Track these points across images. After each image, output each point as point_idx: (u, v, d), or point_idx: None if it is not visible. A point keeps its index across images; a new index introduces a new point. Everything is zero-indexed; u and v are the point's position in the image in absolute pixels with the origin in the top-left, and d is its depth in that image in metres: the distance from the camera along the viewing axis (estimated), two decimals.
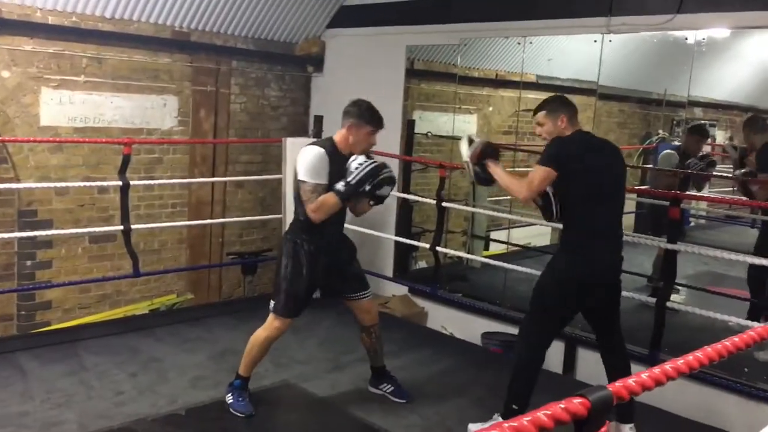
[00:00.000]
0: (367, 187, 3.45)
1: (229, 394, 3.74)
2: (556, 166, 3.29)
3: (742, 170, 5.11)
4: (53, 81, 5.76)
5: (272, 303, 3.63)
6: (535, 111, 3.54)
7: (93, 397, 3.87)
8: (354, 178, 3.40)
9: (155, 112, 6.42)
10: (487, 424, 3.53)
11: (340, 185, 3.41)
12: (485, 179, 3.62)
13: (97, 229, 5.75)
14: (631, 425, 3.51)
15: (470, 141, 3.63)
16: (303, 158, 3.45)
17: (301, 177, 3.44)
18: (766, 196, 4.82)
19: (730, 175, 5.59)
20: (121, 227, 5.12)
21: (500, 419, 3.50)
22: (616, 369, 3.50)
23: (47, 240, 5.85)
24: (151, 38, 6.18)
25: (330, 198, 3.41)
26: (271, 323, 3.64)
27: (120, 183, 5.06)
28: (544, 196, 3.47)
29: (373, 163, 3.45)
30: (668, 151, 5.90)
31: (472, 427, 3.62)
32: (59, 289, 5.93)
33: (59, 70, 5.78)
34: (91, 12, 5.74)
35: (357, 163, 3.43)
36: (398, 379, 4.10)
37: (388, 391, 4.04)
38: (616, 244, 3.49)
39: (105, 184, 5.77)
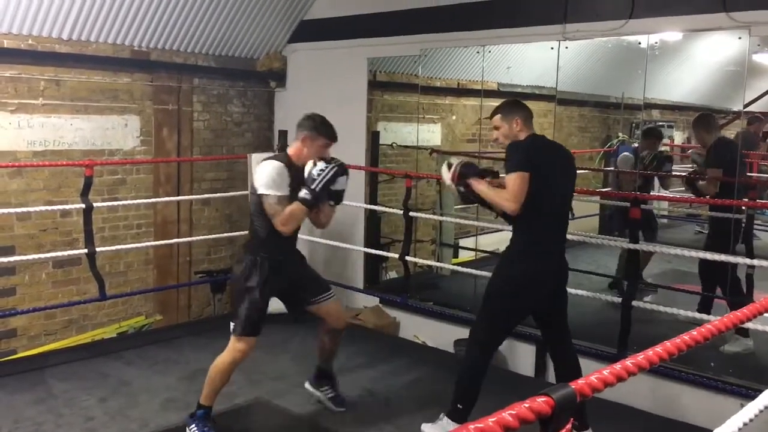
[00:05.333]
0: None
1: (193, 425, 3.58)
2: (529, 167, 3.30)
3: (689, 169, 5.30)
4: (10, 105, 5.67)
5: (232, 325, 3.54)
6: (491, 115, 3.61)
7: (62, 424, 3.80)
8: (318, 184, 3.41)
9: (116, 132, 6.35)
10: (436, 424, 3.58)
11: (304, 193, 3.40)
12: (471, 198, 3.62)
13: (60, 253, 5.66)
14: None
15: (449, 165, 3.64)
16: (262, 173, 3.44)
17: (262, 191, 3.41)
18: (713, 192, 5.00)
19: (685, 174, 5.76)
20: (86, 250, 5.05)
21: (446, 419, 3.55)
22: (567, 369, 3.56)
23: (10, 267, 5.72)
24: (109, 59, 6.12)
25: (297, 208, 3.41)
26: (234, 346, 3.53)
27: (83, 206, 4.99)
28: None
29: (333, 168, 3.46)
30: (625, 153, 6.05)
31: (425, 427, 3.65)
32: (24, 316, 5.80)
33: (16, 93, 5.70)
34: (47, 34, 5.67)
35: (319, 170, 3.43)
36: (338, 385, 4.09)
37: (329, 395, 4.02)
38: (563, 248, 3.58)
39: (67, 207, 5.68)
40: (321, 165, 3.45)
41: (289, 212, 3.40)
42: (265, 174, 3.42)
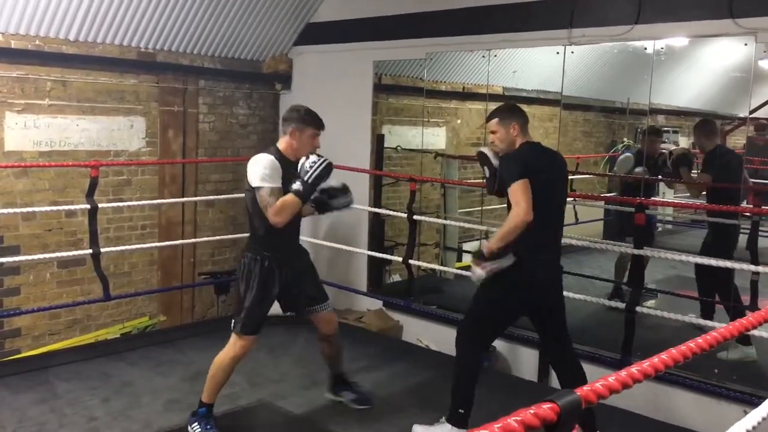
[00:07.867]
0: (323, 186, 3.54)
1: (195, 423, 3.62)
2: (526, 174, 3.29)
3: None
4: (17, 105, 5.69)
5: (233, 323, 3.60)
6: (488, 118, 3.61)
7: (65, 424, 3.80)
8: (310, 176, 3.42)
9: (122, 133, 6.37)
10: (433, 428, 3.58)
11: (296, 185, 3.41)
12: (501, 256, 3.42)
13: (65, 254, 5.67)
14: None
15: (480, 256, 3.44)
16: (254, 166, 3.45)
17: (256, 184, 3.41)
18: (696, 194, 5.23)
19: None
20: (90, 251, 5.06)
21: (447, 424, 3.54)
22: (570, 374, 3.55)
23: (15, 266, 5.74)
24: (116, 60, 6.14)
25: (290, 198, 3.41)
26: (235, 343, 3.59)
27: (88, 206, 5.01)
28: (492, 168, 3.55)
29: (325, 161, 3.48)
30: (627, 154, 6.06)
31: (417, 428, 3.65)
32: (28, 315, 5.82)
33: (23, 94, 5.72)
34: (54, 35, 5.69)
35: (311, 162, 3.46)
36: (358, 384, 4.10)
37: (349, 399, 4.04)
38: (557, 256, 3.58)
39: (73, 207, 5.69)
40: (313, 158, 3.48)
41: (281, 203, 3.39)
42: (257, 167, 3.43)
